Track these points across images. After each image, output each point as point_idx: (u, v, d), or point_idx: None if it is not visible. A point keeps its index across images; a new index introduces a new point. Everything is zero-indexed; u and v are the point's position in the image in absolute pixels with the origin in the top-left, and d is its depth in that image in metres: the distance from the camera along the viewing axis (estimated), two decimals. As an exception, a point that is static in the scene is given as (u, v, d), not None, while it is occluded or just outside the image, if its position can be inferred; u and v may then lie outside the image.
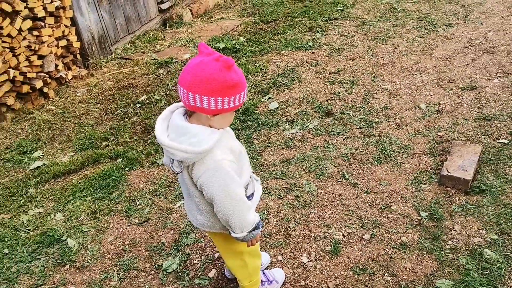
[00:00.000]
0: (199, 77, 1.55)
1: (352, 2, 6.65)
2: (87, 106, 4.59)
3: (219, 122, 1.68)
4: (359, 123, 3.67)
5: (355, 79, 4.37)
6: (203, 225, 1.91)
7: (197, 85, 1.55)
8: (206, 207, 1.82)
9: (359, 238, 2.62)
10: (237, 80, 1.59)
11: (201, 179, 1.66)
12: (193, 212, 1.91)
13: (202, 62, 1.57)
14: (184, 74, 1.60)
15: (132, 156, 3.65)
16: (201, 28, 6.53)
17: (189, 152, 1.59)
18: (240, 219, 1.75)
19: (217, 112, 1.62)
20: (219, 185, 1.66)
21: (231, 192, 1.68)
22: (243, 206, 1.74)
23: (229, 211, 1.71)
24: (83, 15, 5.30)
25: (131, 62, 5.53)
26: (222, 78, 1.55)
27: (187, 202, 1.94)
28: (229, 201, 1.69)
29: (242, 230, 1.78)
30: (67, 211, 3.19)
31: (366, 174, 3.12)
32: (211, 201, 1.72)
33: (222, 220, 1.76)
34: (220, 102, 1.58)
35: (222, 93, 1.57)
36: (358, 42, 5.24)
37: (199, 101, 1.58)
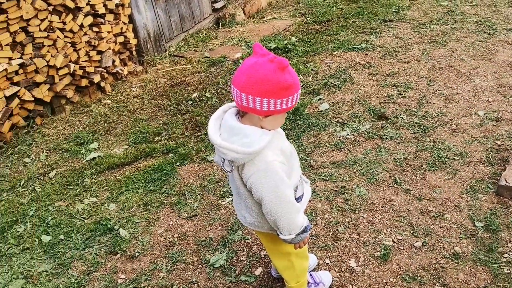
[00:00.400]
0: (253, 78, 1.54)
1: (408, 4, 6.48)
2: (141, 101, 4.73)
3: (271, 123, 1.68)
4: (413, 128, 3.57)
5: (409, 83, 4.26)
6: (252, 224, 1.91)
7: (250, 86, 1.55)
8: (255, 207, 1.83)
9: (410, 245, 2.55)
10: (291, 81, 1.57)
11: (251, 179, 1.67)
12: (242, 211, 1.92)
13: (256, 63, 1.56)
14: (238, 75, 1.60)
15: (183, 151, 3.72)
16: (253, 27, 6.57)
17: (240, 152, 1.59)
18: (289, 221, 1.74)
19: (269, 114, 1.62)
20: (268, 186, 1.65)
21: (280, 194, 1.67)
22: (292, 208, 1.73)
23: (278, 213, 1.70)
24: (140, 12, 5.46)
25: (184, 60, 5.64)
26: (276, 80, 1.53)
27: (236, 200, 1.95)
28: (278, 203, 1.68)
29: (290, 233, 1.77)
30: (120, 201, 3.29)
31: (419, 181, 3.03)
32: (260, 201, 1.72)
33: (270, 221, 1.76)
34: (272, 103, 1.57)
35: (275, 94, 1.55)
36: (414, 45, 5.10)
37: (252, 102, 1.57)
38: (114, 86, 5.14)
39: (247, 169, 1.66)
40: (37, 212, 3.32)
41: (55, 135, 4.31)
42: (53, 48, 4.42)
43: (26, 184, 3.68)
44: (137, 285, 2.57)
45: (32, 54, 4.25)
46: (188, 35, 6.38)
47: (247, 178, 1.68)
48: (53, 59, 4.38)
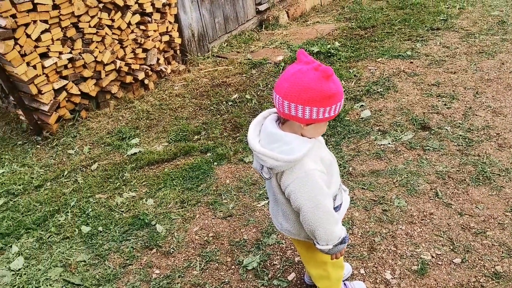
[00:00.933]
0: (296, 86, 1.52)
1: (457, 13, 6.30)
2: (182, 100, 4.80)
3: (312, 131, 1.66)
4: (457, 140, 3.47)
5: (455, 94, 4.13)
6: (288, 231, 1.90)
7: (293, 93, 1.53)
8: (292, 215, 1.81)
9: (448, 261, 2.48)
10: (335, 90, 1.54)
11: (290, 187, 1.65)
12: (279, 217, 1.91)
13: (300, 70, 1.54)
14: (281, 82, 1.58)
15: (221, 151, 3.75)
16: (296, 30, 6.55)
17: (280, 160, 1.58)
18: (326, 231, 1.71)
19: (311, 122, 1.59)
20: (307, 195, 1.63)
21: (319, 204, 1.65)
22: (330, 218, 1.70)
23: (316, 223, 1.68)
24: (186, 12, 5.54)
25: (226, 61, 5.69)
26: (320, 88, 1.51)
27: (273, 207, 1.93)
28: (316, 213, 1.66)
29: (328, 243, 1.74)
30: (157, 197, 3.35)
31: (462, 195, 2.94)
32: (298, 210, 1.70)
33: (308, 230, 1.73)
34: (315, 112, 1.55)
35: (318, 103, 1.53)
36: (461, 55, 4.95)
37: (294, 110, 1.55)
38: (157, 84, 5.24)
39: (286, 177, 1.64)
40: (78, 203, 3.42)
41: (98, 129, 4.43)
42: (101, 44, 4.55)
43: (69, 175, 3.80)
44: (171, 281, 2.61)
45: (81, 49, 4.39)
46: (231, 36, 6.43)
47: (286, 186, 1.66)
48: (101, 55, 4.51)
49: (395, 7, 6.85)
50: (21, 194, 3.65)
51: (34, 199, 3.55)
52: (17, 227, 3.25)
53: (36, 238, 3.14)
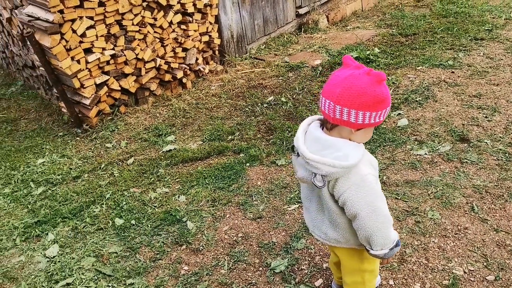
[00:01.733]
0: (349, 90, 1.52)
1: (503, 23, 6.11)
2: (218, 100, 4.85)
3: (361, 136, 1.65)
4: (497, 154, 3.36)
5: (497, 106, 4.01)
6: (335, 240, 1.86)
7: (347, 98, 1.53)
8: (344, 223, 1.78)
9: (481, 278, 2.41)
10: (386, 94, 1.55)
11: (346, 194, 1.63)
12: (323, 227, 1.87)
13: (352, 75, 1.54)
14: (331, 87, 1.58)
15: (254, 153, 3.77)
16: (336, 35, 6.51)
17: (337, 166, 1.56)
18: (384, 236, 1.70)
19: (362, 126, 1.60)
20: (365, 201, 1.63)
21: (377, 209, 1.65)
22: (387, 223, 1.70)
23: (373, 228, 1.67)
24: (226, 14, 5.61)
25: (263, 63, 5.71)
26: (373, 93, 1.52)
27: (316, 216, 1.89)
28: (375, 218, 1.65)
29: (383, 248, 1.73)
30: (190, 195, 3.40)
31: (499, 211, 2.85)
32: (353, 217, 1.68)
33: (363, 236, 1.71)
34: (368, 116, 1.55)
35: (371, 107, 1.53)
36: (505, 67, 4.79)
37: (347, 115, 1.55)
38: (195, 83, 5.32)
39: (341, 184, 1.63)
40: (113, 195, 3.52)
41: (136, 125, 4.54)
42: (143, 42, 4.66)
43: (106, 168, 3.92)
44: (199, 279, 2.65)
45: (123, 46, 4.51)
46: (270, 38, 6.46)
47: (341, 194, 1.64)
48: (142, 52, 4.62)
49: (439, 15, 6.70)
50: (60, 184, 3.79)
51: (71, 189, 3.67)
52: (54, 216, 3.37)
53: (71, 228, 3.24)
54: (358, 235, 1.73)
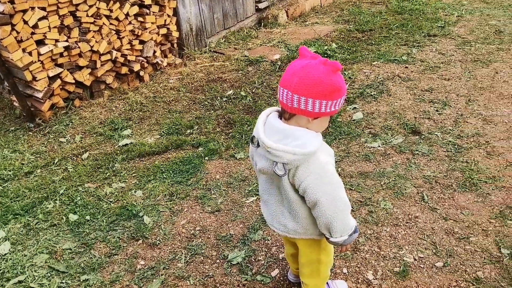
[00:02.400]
0: (306, 79, 1.55)
1: (455, 20, 6.34)
2: (177, 94, 4.81)
3: (318, 125, 1.68)
4: (447, 146, 3.50)
5: (448, 100, 4.17)
6: (294, 231, 1.88)
7: (304, 87, 1.55)
8: (303, 212, 1.80)
9: (430, 264, 2.51)
10: (342, 84, 1.59)
11: (306, 181, 1.65)
12: (282, 218, 1.88)
13: (308, 65, 1.57)
14: (288, 77, 1.60)
15: (213, 146, 3.76)
16: (295, 30, 6.57)
17: (298, 153, 1.58)
18: (343, 222, 1.73)
19: (319, 115, 1.62)
20: (325, 188, 1.65)
21: (336, 195, 1.68)
22: (346, 209, 1.73)
23: (333, 214, 1.69)
24: (185, 6, 5.55)
25: (223, 57, 5.70)
26: (329, 82, 1.55)
27: (276, 209, 1.90)
28: (334, 204, 1.68)
29: (342, 234, 1.76)
30: (147, 189, 3.36)
31: (447, 200, 2.97)
32: (314, 205, 1.70)
33: (323, 224, 1.74)
34: (324, 105, 1.58)
35: (327, 96, 1.57)
36: (456, 62, 4.99)
37: (304, 103, 1.58)
38: (153, 76, 5.24)
39: (302, 171, 1.64)
40: (67, 191, 3.43)
41: (91, 118, 4.44)
42: (98, 34, 4.55)
43: (60, 163, 3.81)
44: (155, 273, 2.62)
45: (77, 38, 4.39)
46: (230, 32, 6.44)
47: (301, 181, 1.66)
48: (97, 44, 4.51)
49: (394, 12, 6.89)
50: (11, 180, 3.65)
51: (23, 185, 3.55)
52: (5, 213, 3.25)
53: (23, 224, 3.14)
54: (318, 223, 1.76)
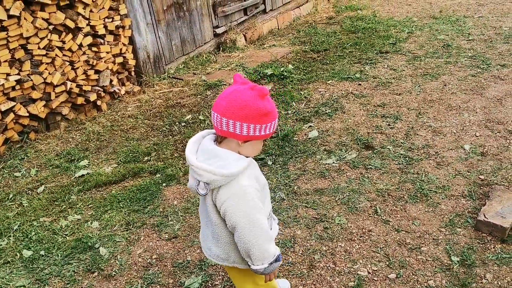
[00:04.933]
0: (233, 103, 1.61)
1: (405, 37, 6.59)
2: (135, 121, 4.79)
3: (248, 149, 1.72)
4: (398, 159, 3.60)
5: (399, 114, 4.30)
6: (217, 256, 1.87)
7: (231, 111, 1.61)
8: (224, 236, 1.80)
9: (384, 276, 2.55)
10: (270, 108, 1.64)
11: (226, 204, 1.67)
12: (208, 242, 1.89)
13: (236, 90, 1.64)
14: (219, 101, 1.66)
15: (171, 172, 3.76)
16: (253, 53, 6.68)
17: (217, 174, 1.61)
18: (262, 249, 1.72)
19: (248, 139, 1.67)
20: (243, 212, 1.66)
21: (255, 221, 1.68)
22: (266, 236, 1.73)
23: (251, 240, 1.69)
24: (141, 35, 5.58)
25: (182, 82, 5.73)
26: (255, 106, 1.60)
27: (204, 231, 1.92)
28: (252, 229, 1.68)
29: (263, 262, 1.75)
30: (103, 220, 3.32)
31: (400, 212, 3.04)
32: (233, 229, 1.71)
33: (243, 250, 1.73)
34: (252, 128, 1.63)
35: (254, 120, 1.62)
36: (407, 77, 5.17)
37: (232, 127, 1.63)
38: (111, 105, 5.22)
39: (222, 193, 1.66)
40: (22, 226, 3.34)
41: (47, 151, 4.36)
42: (51, 66, 4.52)
43: (14, 198, 3.72)
44: (110, 305, 2.58)
45: (30, 71, 4.35)
46: (189, 58, 6.50)
47: (222, 203, 1.68)
48: (51, 76, 4.47)
49: (348, 31, 7.10)
50: (-38, 219, 3.54)
51: (-26, 223, 3.44)
52: (-46, 253, 3.14)
53: (-27, 264, 3.04)
54: (240, 249, 1.75)
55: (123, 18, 5.17)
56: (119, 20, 5.11)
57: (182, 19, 6.24)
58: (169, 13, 5.98)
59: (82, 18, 4.67)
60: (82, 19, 4.67)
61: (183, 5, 6.20)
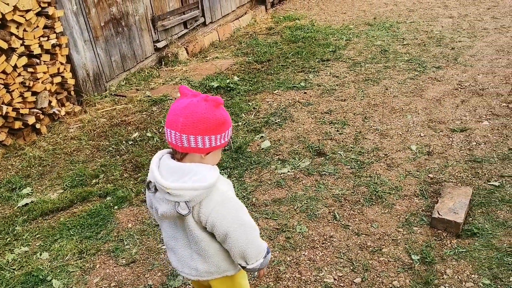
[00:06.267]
0: (191, 118, 1.57)
1: (344, 44, 6.80)
2: (78, 143, 4.58)
3: (211, 159, 1.70)
4: (350, 164, 3.68)
5: (346, 120, 4.41)
6: (207, 273, 1.82)
7: (191, 126, 1.57)
8: (212, 249, 1.76)
9: (350, 282, 2.58)
10: (226, 116, 1.65)
11: (212, 215, 1.64)
12: (192, 262, 1.81)
13: (191, 103, 1.59)
14: (173, 117, 1.60)
15: (122, 194, 3.61)
16: (196, 66, 6.62)
17: (198, 188, 1.57)
18: (255, 245, 1.74)
19: (210, 150, 1.65)
20: (232, 216, 1.66)
21: (244, 222, 1.70)
22: (256, 232, 1.75)
23: (245, 241, 1.70)
24: (79, 52, 5.37)
25: (125, 99, 5.56)
26: (214, 117, 1.59)
27: (183, 253, 1.81)
28: (243, 230, 1.69)
29: (258, 258, 1.77)
30: (53, 250, 3.12)
31: (357, 216, 3.10)
32: (224, 237, 1.68)
33: (237, 254, 1.72)
34: (213, 139, 1.62)
35: (215, 130, 1.61)
36: (350, 83, 5.32)
37: (194, 142, 1.60)
38: (51, 128, 4.96)
39: (205, 206, 1.63)
40: (-39, 265, 3.07)
41: (-16, 181, 4.06)
42: (-17, 89, 4.23)
43: (-50, 235, 3.42)
44: None
45: (-41, 96, 4.04)
46: (130, 74, 6.33)
47: (207, 216, 1.64)
48: (-17, 101, 4.18)
49: (289, 41, 7.23)
50: None
51: None
52: None
53: None
54: (232, 254, 1.74)
55: (59, 36, 4.95)
56: (55, 39, 4.88)
57: (121, 34, 6.07)
58: (107, 29, 5.80)
59: (15, 38, 4.41)
60: (15, 39, 4.41)
61: (121, 20, 6.04)
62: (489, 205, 3.03)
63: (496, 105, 4.37)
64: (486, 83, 4.88)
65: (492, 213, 2.95)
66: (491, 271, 2.52)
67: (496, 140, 3.78)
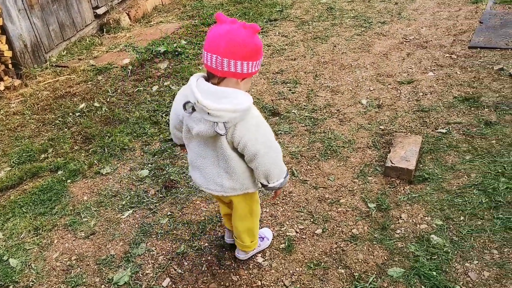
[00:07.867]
0: (233, 42, 1.67)
1: (290, 3, 6.75)
2: (22, 118, 4.35)
3: (244, 86, 1.82)
4: (304, 121, 3.72)
5: (298, 79, 4.43)
6: (232, 189, 1.99)
7: (232, 51, 1.67)
8: (239, 168, 1.93)
9: (311, 233, 2.65)
10: (261, 44, 1.77)
11: (246, 136, 1.79)
12: (219, 179, 1.97)
13: (231, 29, 1.68)
14: (215, 41, 1.69)
15: (74, 167, 3.49)
16: (140, 32, 6.38)
17: (237, 111, 1.69)
18: (279, 166, 1.95)
19: (246, 76, 1.76)
20: (263, 139, 1.83)
21: (272, 144, 1.88)
22: (280, 155, 1.94)
23: (272, 162, 1.89)
24: (13, 22, 5.02)
25: (68, 70, 5.30)
26: (252, 43, 1.70)
27: (211, 171, 1.97)
28: (272, 152, 1.88)
29: (279, 178, 1.96)
30: (6, 229, 2.99)
31: (314, 170, 3.17)
32: (253, 157, 1.84)
33: (262, 173, 1.90)
34: (251, 65, 1.73)
35: (252, 57, 1.72)
36: (299, 42, 5.32)
37: (233, 66, 1.69)
38: (-11, 104, 4.67)
39: (240, 128, 1.77)
40: None
41: None
42: None
43: None
44: (33, 318, 2.36)
45: None
46: (71, 43, 6.01)
47: (241, 137, 1.79)
48: None
49: (235, 2, 7.08)
50: None
51: None
52: None
53: None
54: (257, 174, 1.93)
55: (-12, 4, 4.60)
56: (-15, 8, 4.54)
57: (58, 1, 5.72)
58: (41, -5, 5.44)
59: None
60: None
61: (56, -14, 5.68)
62: (438, 151, 3.18)
63: (439, 57, 4.52)
64: (429, 36, 5.02)
65: (441, 159, 3.10)
66: (443, 212, 2.67)
67: (441, 90, 3.93)
